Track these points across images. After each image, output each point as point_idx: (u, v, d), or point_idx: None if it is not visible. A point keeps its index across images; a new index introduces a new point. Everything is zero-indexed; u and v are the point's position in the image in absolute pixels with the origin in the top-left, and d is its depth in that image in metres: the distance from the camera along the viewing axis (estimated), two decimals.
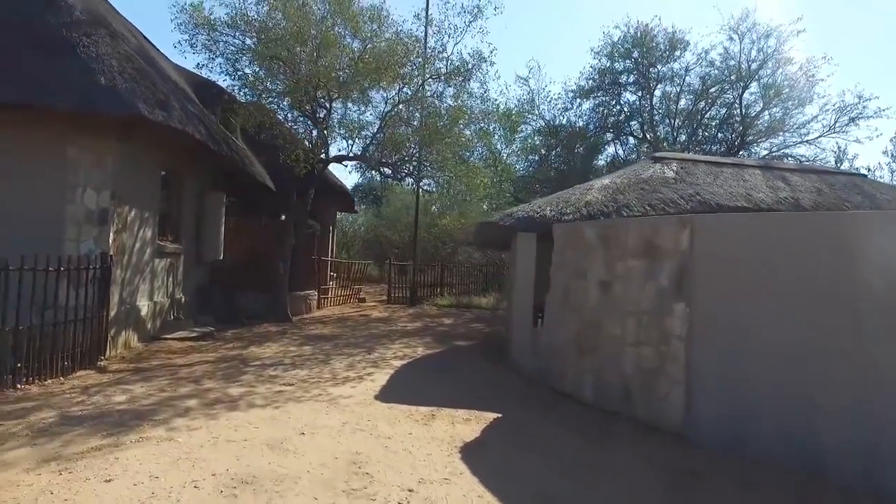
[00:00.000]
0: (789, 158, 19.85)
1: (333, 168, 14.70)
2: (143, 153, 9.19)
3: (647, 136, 21.97)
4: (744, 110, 20.64)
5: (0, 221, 7.74)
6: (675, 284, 5.38)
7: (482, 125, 13.04)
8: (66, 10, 8.71)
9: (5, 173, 7.86)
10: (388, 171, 13.00)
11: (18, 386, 6.13)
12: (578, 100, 21.58)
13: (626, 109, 21.93)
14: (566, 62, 57.47)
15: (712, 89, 20.89)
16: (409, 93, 11.98)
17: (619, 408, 5.85)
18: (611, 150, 22.98)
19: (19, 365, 6.22)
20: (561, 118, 21.75)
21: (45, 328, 6.55)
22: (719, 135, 21.15)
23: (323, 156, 12.49)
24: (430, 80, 12.21)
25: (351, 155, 12.63)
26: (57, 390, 6.19)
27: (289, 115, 12.85)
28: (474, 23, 12.04)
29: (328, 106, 12.02)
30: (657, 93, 21.56)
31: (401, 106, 12.10)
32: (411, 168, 13.05)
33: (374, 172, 14.58)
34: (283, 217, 13.70)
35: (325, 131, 12.11)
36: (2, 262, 5.99)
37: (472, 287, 19.97)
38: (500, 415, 5.67)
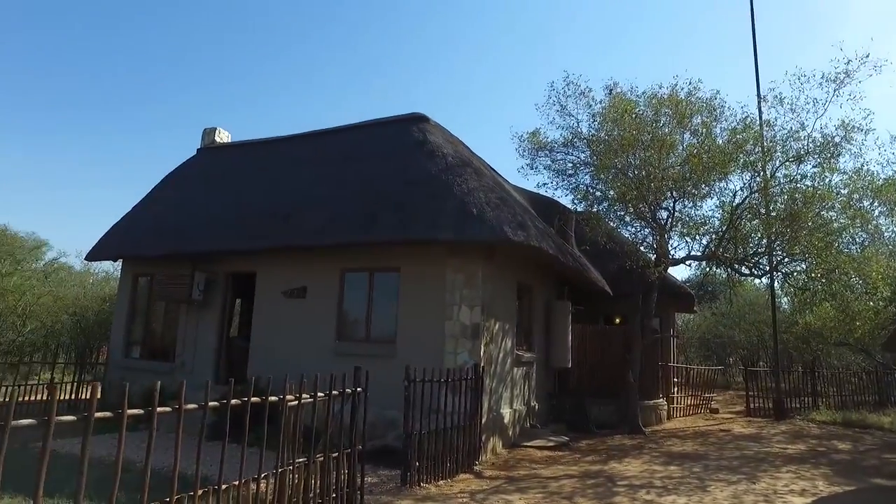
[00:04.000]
0: None
1: None
2: (502, 270, 10.15)
3: None
4: None
5: (401, 337, 9.35)
6: None
7: (857, 204, 10.87)
8: (441, 158, 10.56)
9: (405, 297, 9.52)
10: (741, 267, 11.72)
11: (421, 484, 6.94)
12: None
13: None
14: None
15: None
16: (760, 181, 10.83)
17: None
18: None
19: (418, 464, 7.07)
20: None
21: (437, 433, 7.38)
22: None
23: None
24: (785, 163, 10.87)
25: (696, 255, 11.85)
26: (449, 492, 6.79)
27: (625, 219, 12.89)
28: (841, 90, 10.52)
29: (672, 207, 11.67)
30: None
31: (753, 195, 10.98)
32: (767, 262, 11.54)
33: (717, 269, 13.36)
34: (625, 321, 13.40)
35: (668, 233, 11.69)
36: (411, 375, 7.05)
37: (856, 398, 16.12)
38: None
